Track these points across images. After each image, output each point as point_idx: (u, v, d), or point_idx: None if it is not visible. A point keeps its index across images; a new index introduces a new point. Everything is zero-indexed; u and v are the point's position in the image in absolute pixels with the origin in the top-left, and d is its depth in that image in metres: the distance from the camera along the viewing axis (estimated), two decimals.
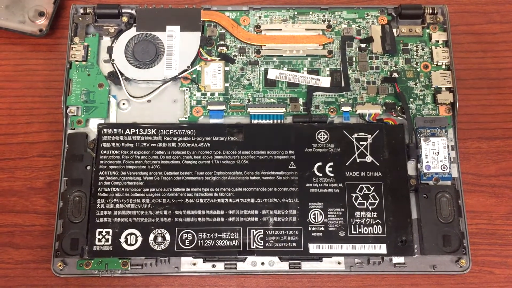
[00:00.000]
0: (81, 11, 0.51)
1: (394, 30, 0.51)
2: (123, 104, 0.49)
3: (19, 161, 0.49)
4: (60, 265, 0.44)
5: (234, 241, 0.45)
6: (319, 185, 0.46)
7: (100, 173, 0.46)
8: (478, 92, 0.52)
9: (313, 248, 0.44)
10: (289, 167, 0.46)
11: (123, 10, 0.51)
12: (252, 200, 0.45)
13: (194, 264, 0.45)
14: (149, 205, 0.45)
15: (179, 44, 0.50)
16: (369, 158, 0.47)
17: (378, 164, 0.46)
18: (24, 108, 0.51)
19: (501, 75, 0.52)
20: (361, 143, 0.47)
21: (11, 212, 0.48)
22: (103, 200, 0.45)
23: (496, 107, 0.52)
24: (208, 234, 0.45)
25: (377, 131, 0.47)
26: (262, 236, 0.45)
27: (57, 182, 0.47)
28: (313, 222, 0.45)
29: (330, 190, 0.46)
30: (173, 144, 0.47)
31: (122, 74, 0.49)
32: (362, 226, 0.45)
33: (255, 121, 0.48)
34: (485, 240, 0.48)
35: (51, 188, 0.49)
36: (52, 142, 0.50)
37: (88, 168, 0.46)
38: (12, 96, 0.52)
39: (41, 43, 0.53)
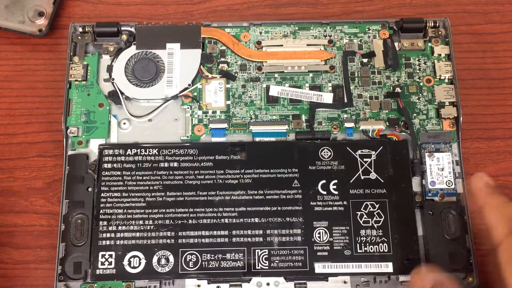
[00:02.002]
0: (80, 29, 0.50)
1: (396, 44, 0.51)
2: (124, 123, 0.48)
3: (19, 161, 0.49)
4: None
5: (238, 261, 0.44)
6: (324, 203, 0.45)
7: (102, 194, 0.45)
8: (478, 92, 0.52)
9: (319, 267, 0.44)
10: (293, 185, 0.46)
11: (123, 28, 0.50)
12: (256, 220, 0.45)
13: (199, 286, 0.44)
14: (152, 227, 0.45)
15: (180, 61, 0.49)
16: (373, 175, 0.46)
17: (382, 181, 0.46)
18: (24, 108, 0.51)
19: (501, 75, 0.52)
20: (365, 159, 0.47)
21: (11, 212, 0.48)
22: (105, 222, 0.45)
23: (496, 107, 0.52)
24: (212, 255, 0.44)
25: (381, 147, 0.47)
26: (267, 256, 0.44)
27: (57, 182, 0.48)
28: (318, 241, 0.44)
29: (334, 208, 0.45)
30: (175, 164, 0.46)
31: (122, 93, 0.49)
32: (367, 244, 0.44)
33: (257, 139, 0.48)
34: (486, 240, 0.47)
35: (51, 188, 0.48)
36: (52, 142, 0.50)
37: (90, 189, 0.46)
38: (11, 96, 0.51)
39: (41, 43, 0.53)
